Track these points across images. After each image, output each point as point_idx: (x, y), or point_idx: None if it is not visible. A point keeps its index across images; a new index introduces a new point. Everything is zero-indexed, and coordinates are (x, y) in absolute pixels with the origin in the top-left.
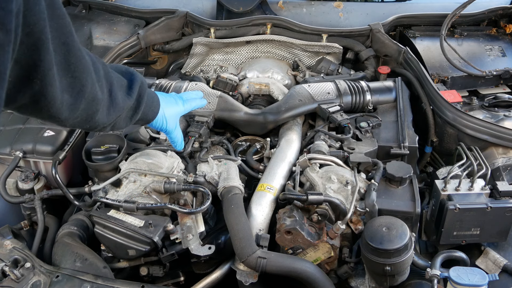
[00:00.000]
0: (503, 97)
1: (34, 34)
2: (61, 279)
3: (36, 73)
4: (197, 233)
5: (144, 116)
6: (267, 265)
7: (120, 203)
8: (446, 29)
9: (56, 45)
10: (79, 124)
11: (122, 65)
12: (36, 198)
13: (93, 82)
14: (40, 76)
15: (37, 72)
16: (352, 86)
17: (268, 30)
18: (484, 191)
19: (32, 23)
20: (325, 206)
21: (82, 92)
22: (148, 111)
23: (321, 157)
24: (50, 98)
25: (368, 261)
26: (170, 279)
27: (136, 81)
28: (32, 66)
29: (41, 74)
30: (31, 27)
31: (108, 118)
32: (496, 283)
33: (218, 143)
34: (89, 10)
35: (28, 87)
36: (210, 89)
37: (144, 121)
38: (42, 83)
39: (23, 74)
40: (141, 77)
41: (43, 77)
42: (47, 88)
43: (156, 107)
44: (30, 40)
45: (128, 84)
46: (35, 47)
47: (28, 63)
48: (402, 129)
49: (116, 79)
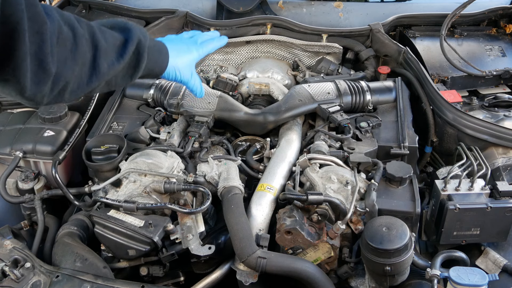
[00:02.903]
0: (503, 97)
1: (10, 24)
2: (61, 279)
3: (9, 62)
4: (197, 233)
5: (149, 71)
6: (267, 265)
7: (120, 203)
8: (446, 29)
9: (31, 34)
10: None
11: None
12: (36, 198)
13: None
14: (12, 66)
15: (10, 61)
16: (352, 86)
17: (268, 30)
18: (484, 191)
19: (8, 13)
20: (325, 206)
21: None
22: (154, 66)
23: (321, 157)
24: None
25: (368, 261)
26: (170, 279)
27: (131, 38)
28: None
29: (13, 64)
30: (7, 16)
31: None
32: (496, 283)
33: (218, 143)
34: (89, 10)
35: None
36: (210, 89)
37: (152, 75)
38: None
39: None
40: (138, 33)
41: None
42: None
43: (164, 60)
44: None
45: (123, 42)
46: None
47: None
48: (402, 129)
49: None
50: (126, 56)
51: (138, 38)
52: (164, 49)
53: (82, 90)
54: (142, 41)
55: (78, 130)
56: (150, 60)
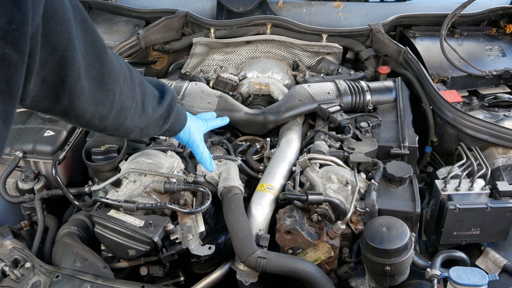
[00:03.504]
0: (503, 97)
1: (57, 52)
2: (61, 279)
3: (64, 89)
4: (197, 233)
5: (172, 126)
6: (267, 265)
7: (120, 203)
8: (446, 29)
9: (91, 59)
10: (109, 131)
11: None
12: (36, 198)
13: (122, 91)
14: (67, 92)
15: (64, 88)
16: (352, 86)
17: (268, 30)
18: (484, 191)
19: (55, 42)
20: (325, 206)
21: (114, 102)
22: (176, 123)
23: (321, 157)
24: (79, 111)
25: (368, 261)
26: (170, 279)
27: (167, 93)
28: (59, 83)
29: (68, 90)
30: (54, 45)
31: (139, 125)
32: (496, 283)
33: (218, 143)
34: (89, 10)
35: (57, 104)
36: (210, 89)
37: (172, 132)
38: (70, 98)
39: (51, 92)
40: (172, 90)
41: (70, 92)
42: (75, 102)
43: (184, 120)
44: (54, 58)
45: (160, 95)
46: (60, 64)
47: (55, 81)
48: (402, 129)
49: (150, 88)
50: (164, 106)
51: (173, 94)
52: (184, 111)
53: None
54: (174, 97)
55: (78, 130)
56: (175, 115)
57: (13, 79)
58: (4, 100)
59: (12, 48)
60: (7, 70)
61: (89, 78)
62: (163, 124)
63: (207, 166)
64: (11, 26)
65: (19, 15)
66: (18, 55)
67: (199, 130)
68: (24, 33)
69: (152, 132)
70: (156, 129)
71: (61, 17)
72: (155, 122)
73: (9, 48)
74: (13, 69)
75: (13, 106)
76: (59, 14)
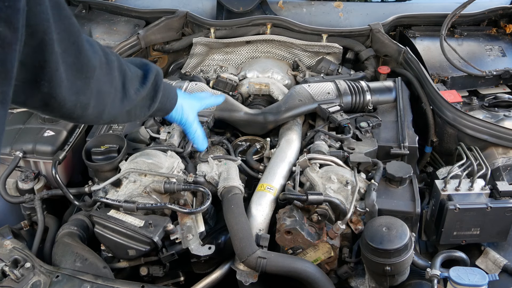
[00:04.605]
0: (503, 97)
1: (37, 34)
2: (61, 279)
3: (43, 74)
4: (197, 233)
5: (162, 105)
6: (267, 265)
7: (120, 203)
8: (446, 29)
9: (66, 45)
10: (91, 120)
11: (138, 58)
12: (36, 198)
13: (98, 78)
14: (47, 78)
15: (43, 73)
16: (352, 86)
17: (268, 30)
18: (484, 191)
19: (34, 24)
20: (325, 206)
21: (94, 90)
22: (166, 101)
23: (321, 157)
24: (60, 99)
25: (368, 261)
26: (170, 279)
27: (151, 71)
28: (38, 68)
29: (48, 76)
30: (33, 27)
31: (121, 109)
32: (496, 283)
33: (218, 143)
34: (89, 10)
35: (36, 90)
36: (210, 89)
37: (163, 111)
38: (50, 85)
39: (29, 77)
40: (156, 67)
41: (50, 78)
42: (56, 89)
43: (174, 97)
44: (34, 41)
45: (144, 74)
46: (39, 48)
47: (34, 65)
48: (402, 129)
49: (131, 70)
50: (148, 85)
51: (156, 71)
52: (173, 88)
53: (115, 113)
54: (159, 75)
55: (78, 130)
56: (163, 94)
57: (7, 58)
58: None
59: (6, 25)
60: (1, 49)
61: (66, 65)
62: (152, 104)
63: (198, 145)
64: (4, 3)
65: None
66: (12, 33)
67: (192, 108)
68: (17, 9)
69: (141, 114)
70: (145, 110)
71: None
72: (142, 103)
73: (3, 26)
74: (7, 48)
75: (9, 87)
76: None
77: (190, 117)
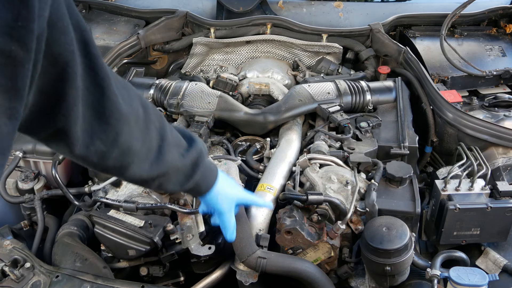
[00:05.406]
0: (503, 97)
1: (58, 64)
2: (61, 279)
3: (60, 107)
4: (197, 233)
5: (196, 186)
6: (267, 265)
7: (120, 203)
8: (446, 29)
9: (89, 84)
10: (112, 172)
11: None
12: (36, 198)
13: (130, 132)
14: (63, 111)
15: (61, 106)
16: (352, 86)
17: (268, 30)
18: (484, 191)
19: (56, 52)
20: (325, 206)
21: (116, 141)
22: (202, 182)
23: (321, 157)
24: (73, 138)
25: (368, 261)
26: (170, 279)
27: (195, 146)
28: (57, 99)
29: (65, 109)
30: (56, 55)
31: (150, 173)
32: (496, 283)
33: (218, 143)
34: (89, 10)
35: (51, 121)
36: (210, 89)
37: (195, 191)
38: (66, 119)
39: (46, 105)
40: (202, 144)
41: (67, 113)
42: (71, 125)
43: (212, 180)
44: (55, 70)
45: (187, 147)
46: (60, 78)
47: (52, 95)
48: (402, 129)
49: (174, 137)
50: (187, 160)
51: (201, 150)
52: (215, 171)
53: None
54: (203, 154)
55: None
56: (201, 174)
57: (19, 76)
58: (10, 97)
59: (19, 45)
60: (13, 67)
61: (86, 104)
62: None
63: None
64: (17, 22)
65: (25, 12)
66: (25, 52)
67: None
68: (31, 30)
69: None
70: (176, 185)
71: (65, 27)
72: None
73: (15, 45)
74: (19, 67)
75: (19, 104)
76: (63, 23)
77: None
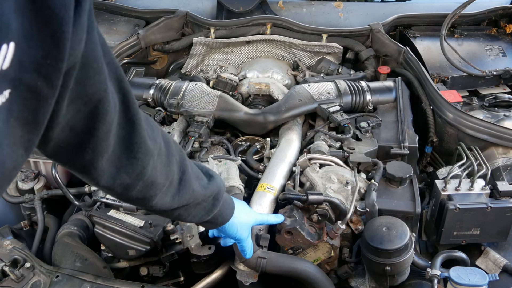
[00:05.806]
0: (503, 97)
1: (91, 103)
2: (61, 279)
3: (89, 142)
4: (197, 233)
5: (214, 219)
6: (267, 265)
7: (120, 203)
8: (446, 29)
9: (121, 119)
10: (135, 203)
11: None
12: (36, 198)
13: (155, 165)
14: (92, 146)
15: (90, 141)
16: (352, 86)
17: (268, 30)
18: (484, 191)
19: (91, 93)
20: (325, 206)
21: (142, 174)
22: (219, 216)
23: (321, 157)
24: (100, 170)
25: (368, 261)
26: (170, 279)
27: (215, 180)
28: (86, 134)
29: (93, 144)
30: (90, 96)
31: (171, 205)
32: (496, 283)
33: (218, 143)
34: None
35: (79, 156)
36: (210, 89)
37: (213, 224)
38: (94, 153)
39: (76, 141)
40: (220, 182)
41: (95, 147)
42: (98, 159)
43: (229, 214)
44: (88, 108)
45: (206, 182)
46: (91, 114)
47: (82, 131)
48: (402, 129)
49: (194, 170)
50: (208, 192)
51: (220, 186)
52: (232, 204)
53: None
54: (222, 190)
55: None
56: (220, 210)
57: (41, 110)
58: (30, 129)
59: (45, 81)
60: (36, 101)
61: (117, 138)
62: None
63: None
64: (47, 60)
65: (55, 51)
66: (49, 89)
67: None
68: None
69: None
70: (195, 218)
71: (100, 67)
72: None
73: (41, 81)
74: (42, 102)
75: (36, 136)
76: (98, 64)
77: (243, 234)
